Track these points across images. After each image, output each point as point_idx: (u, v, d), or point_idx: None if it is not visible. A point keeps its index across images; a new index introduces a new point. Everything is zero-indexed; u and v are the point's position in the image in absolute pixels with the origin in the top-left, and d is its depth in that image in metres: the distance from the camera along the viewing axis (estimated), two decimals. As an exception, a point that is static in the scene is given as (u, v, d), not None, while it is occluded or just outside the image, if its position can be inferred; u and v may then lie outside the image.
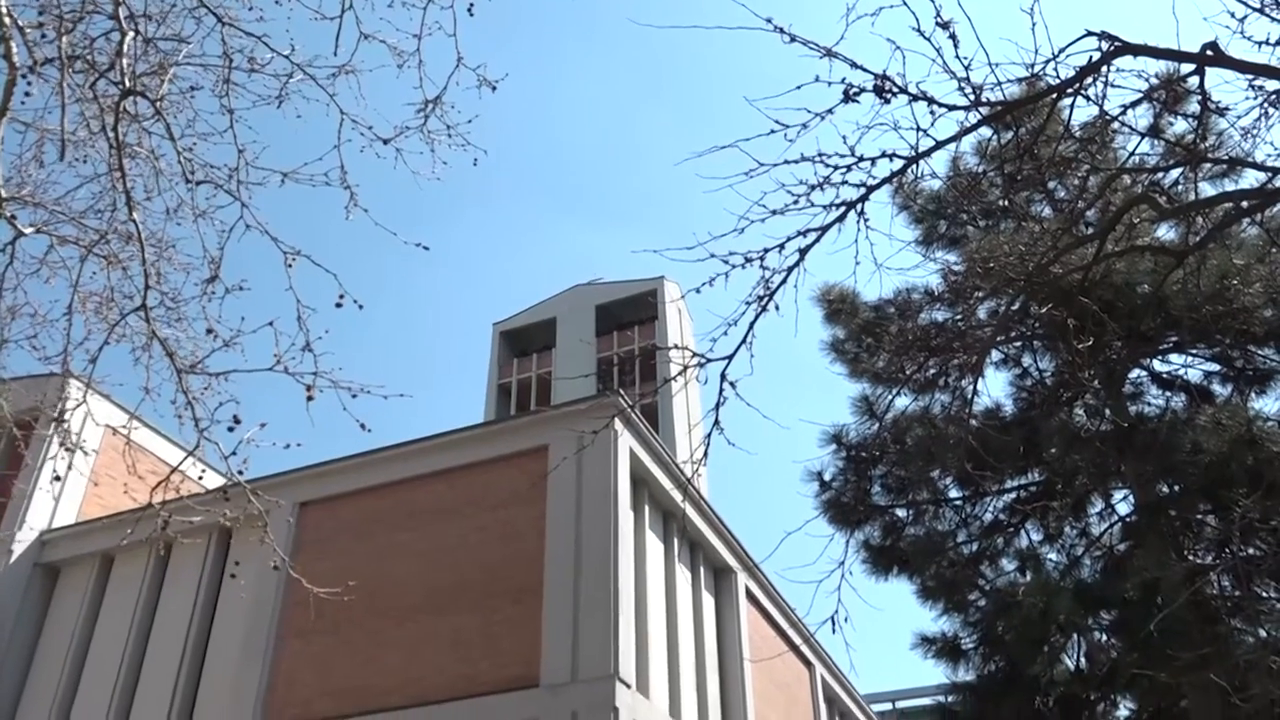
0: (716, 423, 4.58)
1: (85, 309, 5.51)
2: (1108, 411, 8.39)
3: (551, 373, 51.31)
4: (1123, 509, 9.52)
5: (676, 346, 4.85)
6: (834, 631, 4.77)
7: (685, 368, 4.70)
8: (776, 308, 4.86)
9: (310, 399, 4.66)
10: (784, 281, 4.61)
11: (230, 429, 4.75)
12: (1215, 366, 9.31)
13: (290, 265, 5.20)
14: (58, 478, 5.45)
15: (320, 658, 13.47)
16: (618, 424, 13.62)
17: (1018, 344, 9.87)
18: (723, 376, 4.61)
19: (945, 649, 8.88)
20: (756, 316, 4.70)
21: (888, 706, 49.76)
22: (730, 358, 4.64)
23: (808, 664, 20.39)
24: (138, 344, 5.72)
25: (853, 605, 5.13)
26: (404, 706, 12.57)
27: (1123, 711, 9.49)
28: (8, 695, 15.11)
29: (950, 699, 9.12)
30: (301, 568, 14.08)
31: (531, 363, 53.62)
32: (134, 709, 14.41)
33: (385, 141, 5.36)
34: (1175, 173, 7.74)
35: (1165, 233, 8.69)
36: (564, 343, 53.02)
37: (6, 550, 15.72)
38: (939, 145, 4.49)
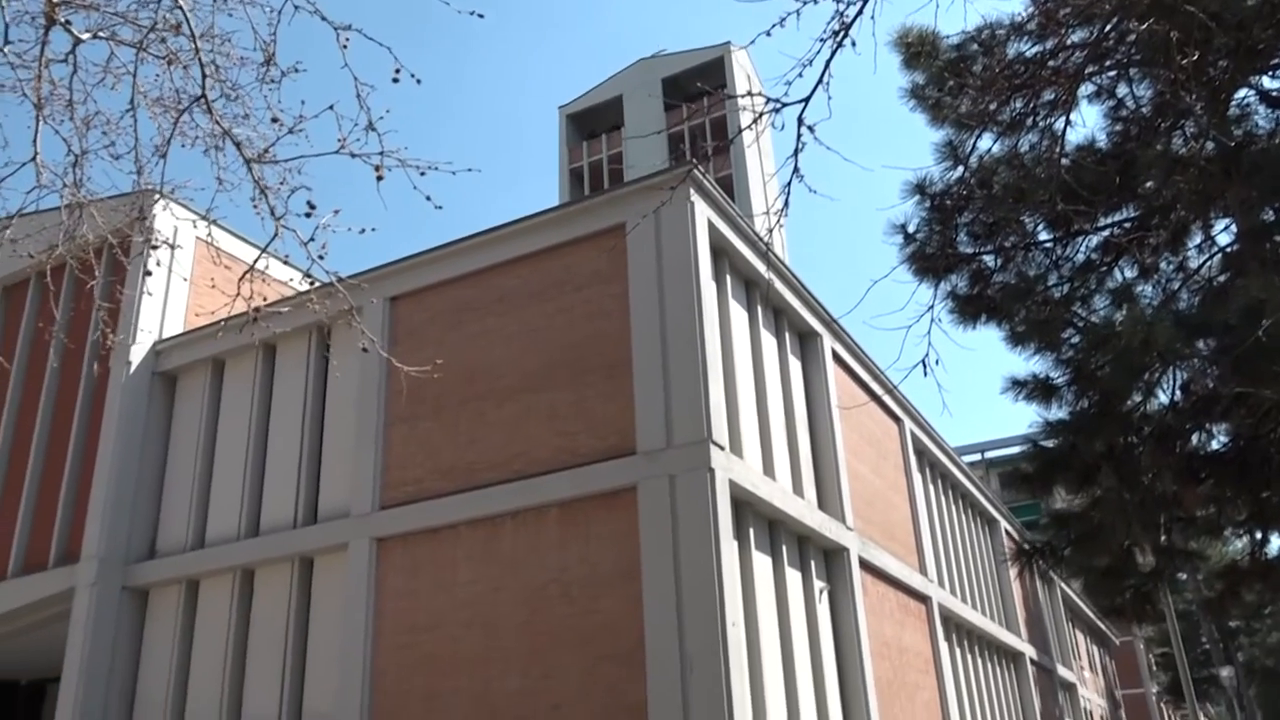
0: (796, 170, 4.43)
1: (152, 110, 5.50)
2: (1211, 135, 7.89)
3: (622, 152, 50.47)
4: (1223, 239, 9.16)
5: (749, 94, 4.63)
6: (925, 374, 4.77)
7: (759, 115, 4.50)
8: (853, 44, 4.59)
9: (380, 178, 4.64)
10: (860, 12, 4.32)
11: (306, 215, 4.78)
12: (1332, 78, 8.62)
13: (345, 46, 5.07)
14: (149, 272, 5.61)
15: (427, 440, 14.20)
16: (694, 195, 13.44)
17: (1112, 73, 9.24)
18: (800, 121, 4.42)
19: (1037, 389, 8.88)
20: (832, 54, 4.45)
21: (976, 457, 50.91)
22: (807, 100, 4.42)
23: (896, 419, 20.79)
24: (207, 143, 5.74)
25: (943, 354, 5.12)
26: (509, 480, 13.28)
27: (1215, 445, 9.49)
28: (148, 499, 16.41)
29: (1042, 438, 9.21)
30: (399, 358, 14.67)
31: (601, 144, 52.73)
32: (264, 498, 15.55)
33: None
34: None
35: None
36: (632, 120, 51.77)
37: (125, 361, 16.65)
38: None
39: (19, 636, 17.15)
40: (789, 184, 4.53)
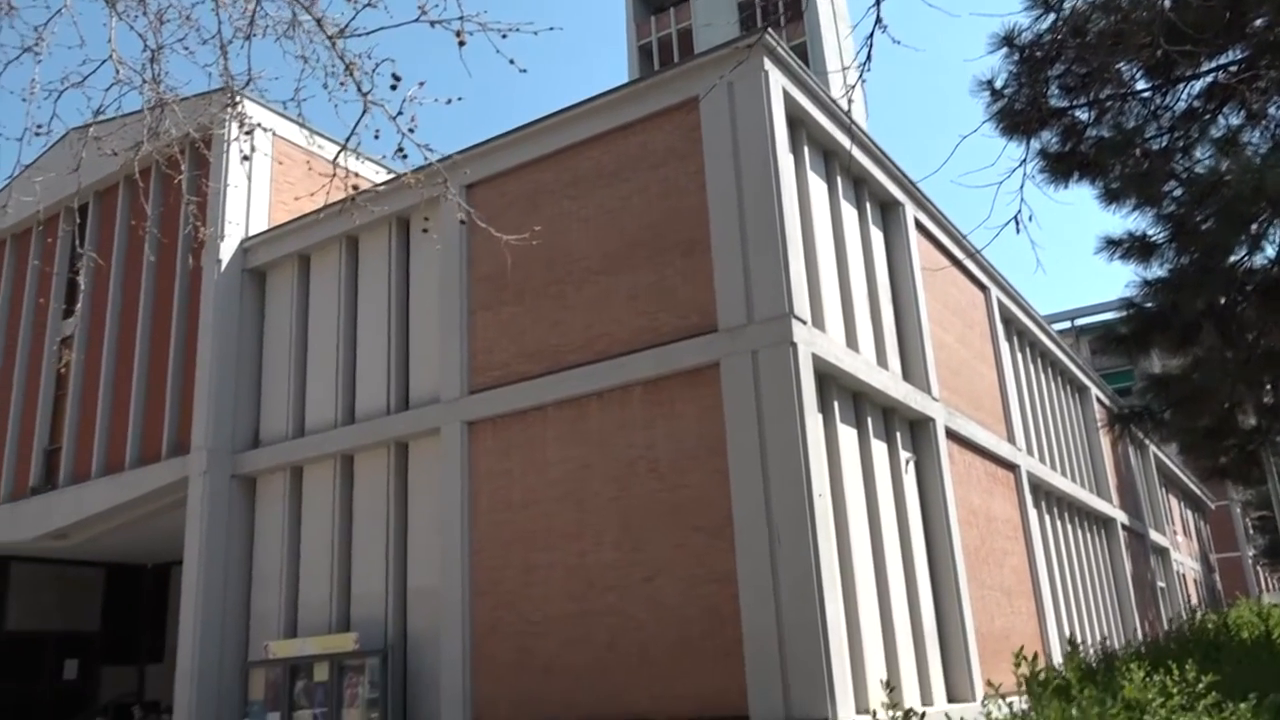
0: (878, 20, 4.23)
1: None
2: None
3: (691, 25, 48.96)
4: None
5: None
6: (1018, 231, 4.62)
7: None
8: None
9: (462, 44, 4.56)
10: None
11: (392, 88, 4.75)
12: None
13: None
14: (246, 157, 5.67)
15: (510, 325, 14.40)
16: (767, 64, 13.02)
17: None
18: (882, -32, 4.19)
19: (1134, 248, 8.55)
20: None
21: (1066, 325, 49.70)
22: (888, -56, 4.19)
23: (982, 287, 20.32)
24: (279, 31, 5.70)
25: (1037, 210, 4.90)
26: (592, 361, 13.43)
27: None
28: (248, 391, 17.06)
29: (1139, 298, 8.90)
30: (478, 246, 14.77)
31: (669, 17, 51.15)
32: (358, 386, 16.03)
33: None
34: None
35: None
36: (701, -10, 49.94)
37: (216, 260, 17.10)
38: None
39: (141, 524, 18.24)
40: (870, 35, 4.33)
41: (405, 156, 4.90)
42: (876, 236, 15.86)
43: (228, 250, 17.24)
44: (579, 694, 12.45)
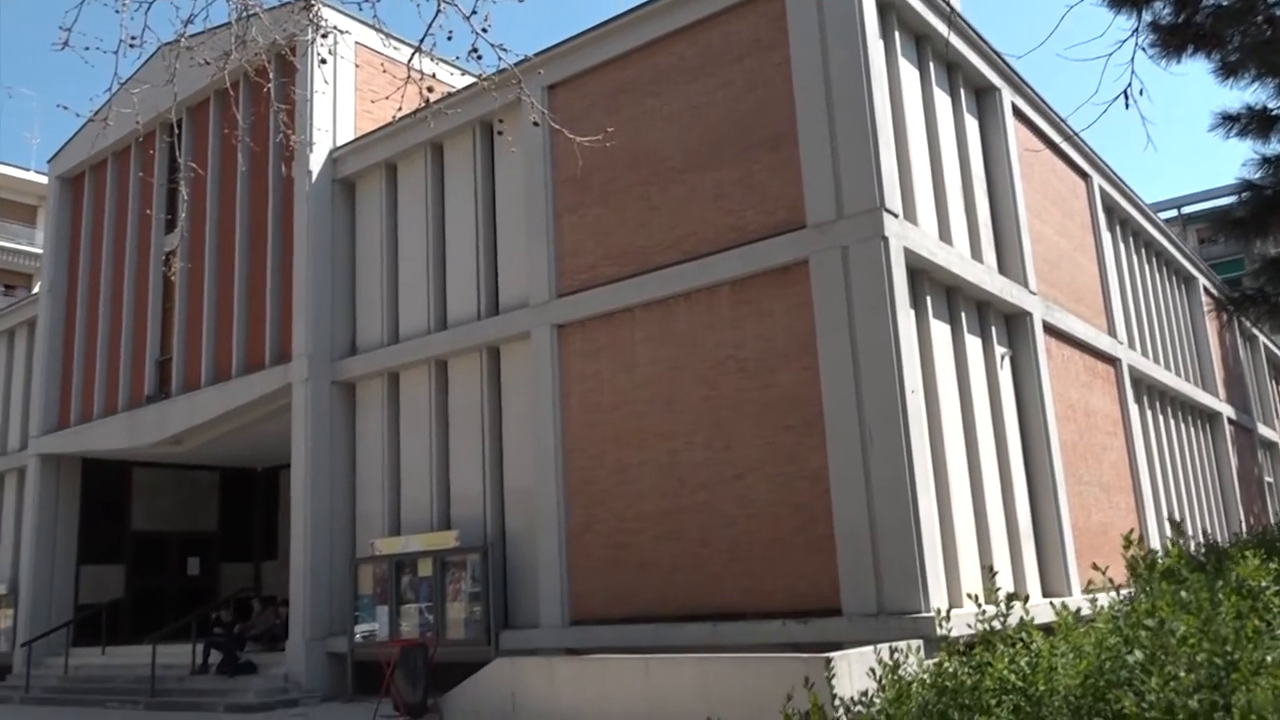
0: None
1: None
2: None
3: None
4: None
5: None
6: (1127, 106, 4.37)
7: None
8: None
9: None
10: None
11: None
12: None
13: None
14: (324, 61, 5.68)
15: (596, 227, 14.37)
16: (856, -57, 12.42)
17: None
18: None
19: (1253, 122, 8.05)
20: None
21: (1172, 213, 47.51)
22: None
23: (1083, 175, 19.47)
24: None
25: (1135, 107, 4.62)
26: (679, 262, 13.36)
27: None
28: (344, 299, 17.47)
29: (1256, 177, 8.41)
30: (561, 148, 14.68)
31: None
32: (448, 293, 16.28)
33: None
34: None
35: None
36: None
37: (307, 171, 17.38)
38: None
39: (250, 430, 19.06)
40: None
41: (480, 58, 4.83)
42: (971, 124, 15.25)
43: (317, 161, 17.49)
44: (672, 589, 12.75)
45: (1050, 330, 15.79)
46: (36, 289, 29.78)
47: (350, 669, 15.52)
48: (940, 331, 13.01)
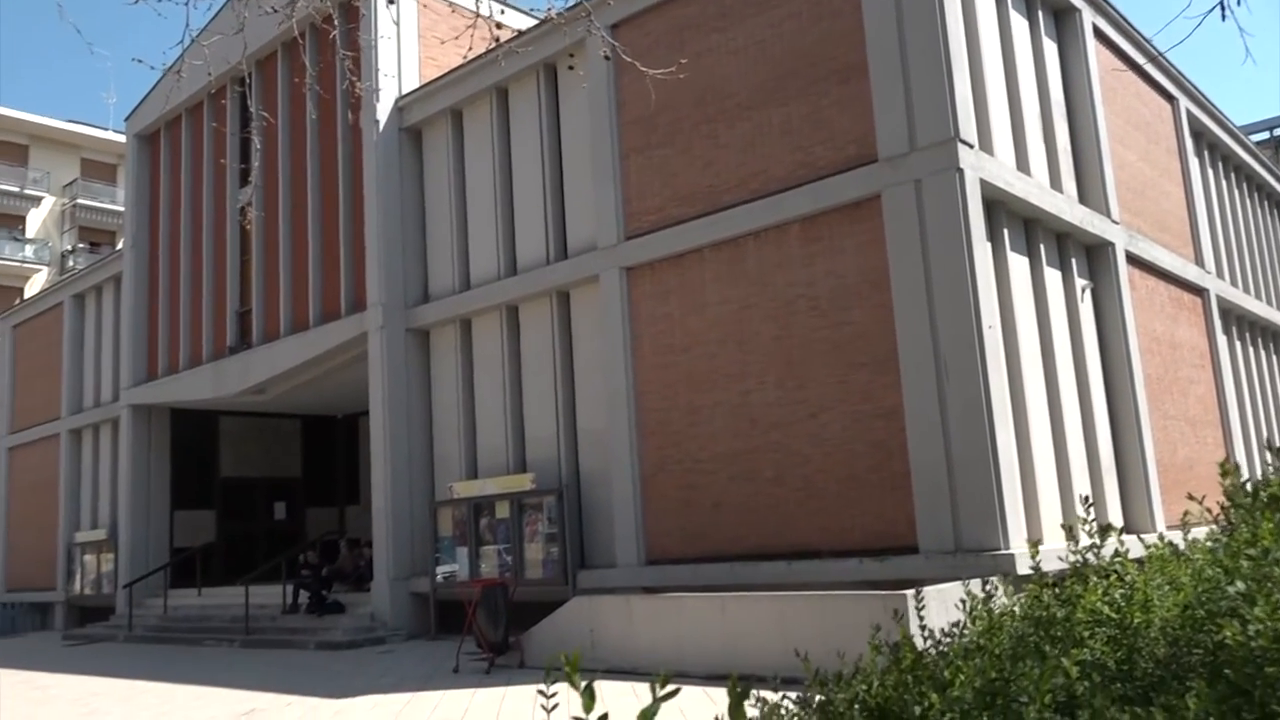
0: None
1: None
2: None
3: None
4: None
5: None
6: (1224, 17, 4.13)
7: None
8: None
9: None
10: None
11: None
12: None
13: None
14: (391, 1, 5.66)
15: (663, 167, 14.23)
16: None
17: None
18: None
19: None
20: None
21: (1264, 135, 45.41)
22: None
23: (1169, 98, 18.67)
24: None
25: (1229, 32, 4.34)
26: (748, 200, 13.19)
27: None
28: (415, 248, 17.64)
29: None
30: (625, 88, 14.53)
31: None
32: (517, 238, 16.33)
33: None
34: None
35: None
36: None
37: (374, 120, 17.49)
38: None
39: (329, 378, 19.50)
40: None
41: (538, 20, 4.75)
42: (1050, 48, 14.67)
43: (384, 110, 17.58)
44: (746, 528, 12.80)
45: (1134, 261, 15.29)
46: (120, 246, 30.67)
47: (433, 608, 15.97)
48: (1018, 264, 12.69)
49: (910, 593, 7.99)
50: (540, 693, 2.14)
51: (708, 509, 13.23)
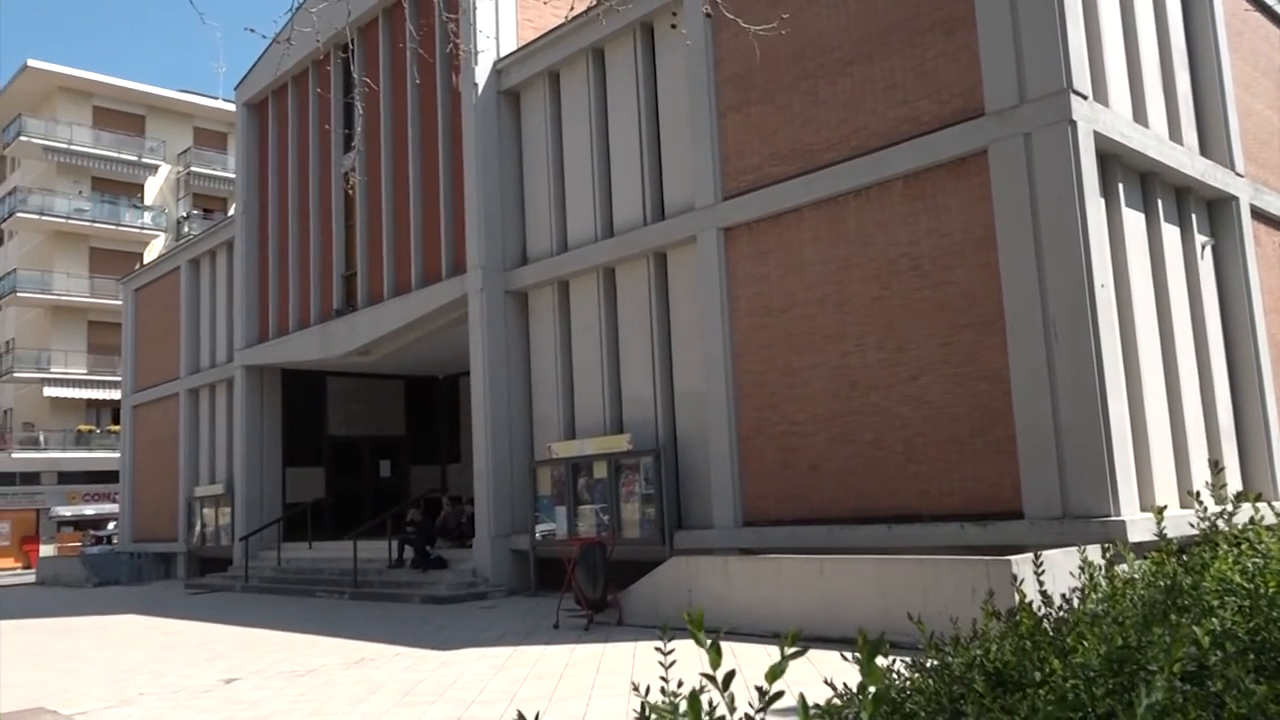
0: None
1: None
2: None
3: None
4: None
5: None
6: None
7: None
8: None
9: None
10: None
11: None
12: None
13: None
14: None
15: (761, 126, 14.03)
16: None
17: None
18: None
19: None
20: None
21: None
22: None
23: (1302, 42, 17.55)
24: None
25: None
26: (848, 158, 12.92)
27: None
28: (513, 210, 17.82)
29: None
30: (723, 47, 14.33)
31: None
32: (614, 200, 16.35)
33: None
34: None
35: None
36: None
37: (473, 84, 17.65)
38: None
39: (430, 339, 19.93)
40: None
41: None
42: (1171, -8, 13.93)
43: (482, 74, 17.72)
44: (845, 491, 12.69)
45: (1259, 215, 14.53)
46: (231, 212, 31.78)
47: (533, 565, 16.30)
48: (1133, 220, 12.17)
49: (1026, 556, 7.82)
50: (658, 649, 2.16)
51: (805, 471, 13.15)
